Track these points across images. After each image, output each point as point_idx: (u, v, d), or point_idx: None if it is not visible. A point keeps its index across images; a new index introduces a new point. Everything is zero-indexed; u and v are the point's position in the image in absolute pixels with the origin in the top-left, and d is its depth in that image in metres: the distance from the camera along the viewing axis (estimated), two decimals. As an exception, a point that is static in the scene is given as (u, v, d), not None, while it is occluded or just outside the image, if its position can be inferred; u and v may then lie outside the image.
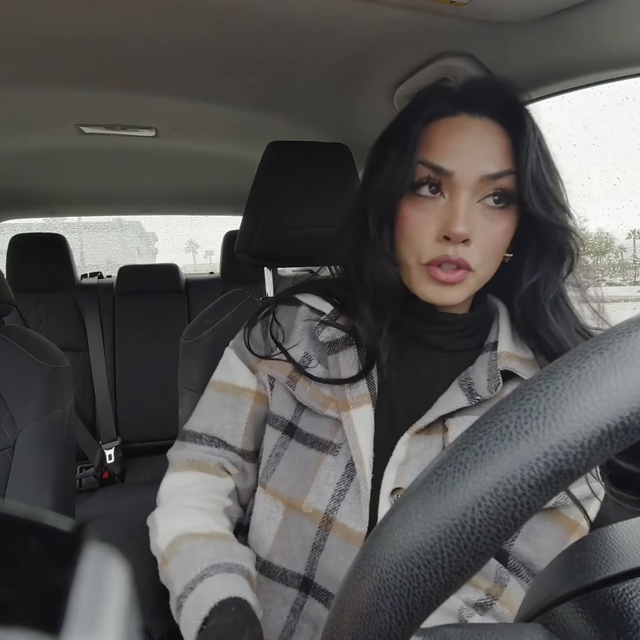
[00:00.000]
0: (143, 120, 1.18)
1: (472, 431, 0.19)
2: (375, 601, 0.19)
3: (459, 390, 0.56)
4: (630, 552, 0.21)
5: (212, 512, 0.62)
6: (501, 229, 0.55)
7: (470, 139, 0.54)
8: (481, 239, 0.54)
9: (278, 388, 0.63)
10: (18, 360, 0.89)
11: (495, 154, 0.53)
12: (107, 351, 1.95)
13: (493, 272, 0.58)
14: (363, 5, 0.64)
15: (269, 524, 0.59)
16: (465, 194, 0.53)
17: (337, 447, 0.57)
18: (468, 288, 0.56)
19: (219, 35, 0.76)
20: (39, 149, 1.35)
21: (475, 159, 0.53)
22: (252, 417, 0.65)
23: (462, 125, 0.54)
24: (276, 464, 0.60)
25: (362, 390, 0.59)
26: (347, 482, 0.56)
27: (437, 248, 0.54)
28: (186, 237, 4.15)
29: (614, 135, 1.07)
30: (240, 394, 0.65)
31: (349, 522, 0.55)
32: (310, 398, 0.60)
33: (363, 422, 0.57)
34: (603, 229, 1.54)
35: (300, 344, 0.63)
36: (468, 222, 0.52)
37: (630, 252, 1.62)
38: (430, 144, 0.55)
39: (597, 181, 1.12)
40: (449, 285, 0.55)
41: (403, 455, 0.55)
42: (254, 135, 1.21)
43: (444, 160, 0.53)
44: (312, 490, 0.56)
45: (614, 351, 0.18)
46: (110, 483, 1.82)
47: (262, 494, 0.61)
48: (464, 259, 0.53)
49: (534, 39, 0.66)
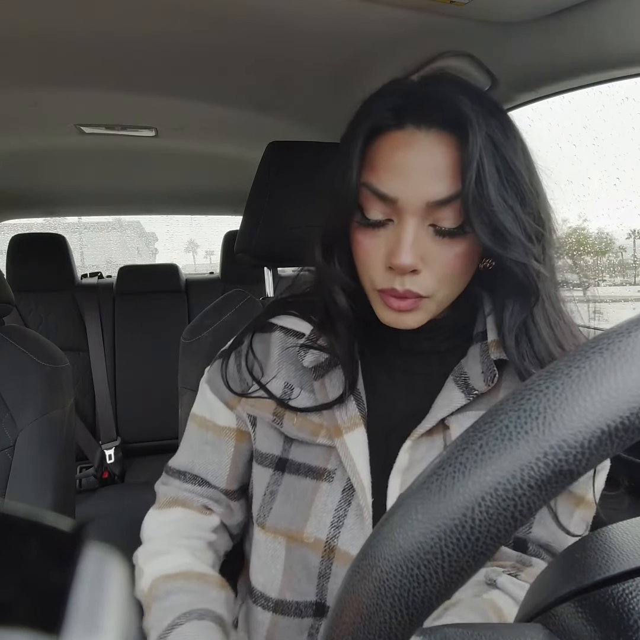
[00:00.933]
0: (143, 120, 1.18)
1: (472, 431, 0.19)
2: (375, 601, 0.19)
3: (455, 387, 0.54)
4: (630, 552, 0.21)
5: (195, 550, 0.60)
6: (456, 253, 0.49)
7: (416, 159, 0.47)
8: (434, 265, 0.49)
9: (262, 425, 0.60)
10: (18, 360, 0.89)
11: (444, 175, 0.47)
12: (107, 351, 1.95)
13: (459, 290, 0.53)
14: (363, 5, 0.64)
15: (275, 564, 0.57)
16: (412, 220, 0.48)
17: (332, 473, 0.56)
18: (427, 313, 0.52)
19: (219, 35, 0.76)
20: (39, 149, 1.35)
21: (420, 183, 0.47)
22: (236, 457, 0.63)
23: (407, 141, 0.48)
24: (272, 502, 0.58)
25: (352, 412, 0.56)
26: (345, 508, 0.54)
27: (386, 277, 0.50)
28: (186, 237, 4.15)
29: (614, 135, 1.07)
30: (222, 433, 0.63)
31: (352, 549, 0.53)
32: (299, 430, 0.57)
33: (358, 447, 0.55)
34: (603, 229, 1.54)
35: (278, 375, 0.59)
36: (417, 249, 0.48)
37: (630, 252, 1.62)
38: (375, 164, 0.49)
39: (597, 181, 1.12)
40: (403, 312, 0.51)
41: (406, 461, 0.54)
42: (254, 135, 1.21)
43: (387, 184, 0.48)
44: (311, 520, 0.55)
45: (614, 351, 0.18)
46: (110, 483, 1.82)
47: (262, 534, 0.58)
48: (412, 290, 0.49)
49: (534, 39, 0.66)
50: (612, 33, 0.59)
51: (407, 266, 0.47)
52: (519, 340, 0.51)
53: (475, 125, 0.45)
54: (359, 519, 0.54)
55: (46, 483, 0.84)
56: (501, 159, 0.46)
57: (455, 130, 0.47)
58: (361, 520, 0.54)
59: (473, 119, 0.45)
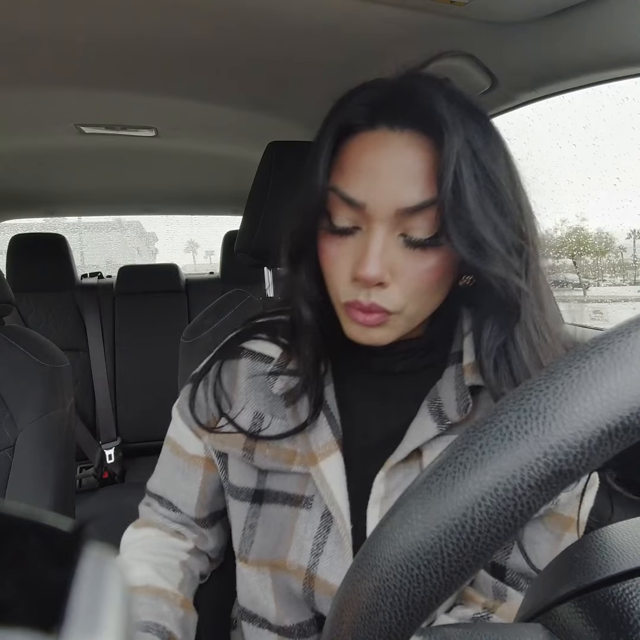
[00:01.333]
0: (143, 120, 1.18)
1: (472, 431, 0.19)
2: (375, 601, 0.19)
3: (429, 415, 0.51)
4: (630, 552, 0.21)
5: (159, 566, 0.59)
6: (428, 267, 0.45)
7: (386, 162, 0.44)
8: (403, 279, 0.45)
9: (234, 460, 0.58)
10: (18, 360, 0.89)
11: (417, 179, 0.43)
12: (107, 351, 1.95)
13: (431, 307, 0.49)
14: (363, 5, 0.64)
15: (265, 594, 0.56)
16: (381, 228, 0.44)
17: (310, 499, 0.54)
18: (395, 329, 0.48)
19: (219, 35, 0.76)
20: (39, 149, 1.35)
21: (390, 188, 0.43)
22: (204, 486, 0.61)
23: (378, 142, 0.44)
24: (252, 536, 0.56)
25: (326, 437, 0.53)
26: (325, 535, 0.53)
27: (351, 289, 0.46)
28: (186, 237, 4.16)
29: (614, 135, 1.07)
30: (191, 461, 0.61)
31: (330, 577, 0.52)
32: (273, 460, 0.55)
33: (334, 473, 0.52)
34: (603, 229, 1.55)
35: (247, 406, 0.57)
36: (385, 260, 0.44)
37: (630, 252, 1.62)
38: (344, 166, 0.46)
39: (597, 181, 1.12)
40: (370, 327, 0.47)
41: (382, 491, 0.52)
42: (254, 135, 1.21)
43: (355, 188, 0.44)
44: (293, 547, 0.53)
45: (614, 351, 0.18)
46: (110, 483, 1.83)
47: (246, 569, 0.57)
48: (378, 304, 0.45)
49: (534, 39, 0.66)
50: (612, 33, 0.59)
51: (372, 278, 0.43)
52: (497, 364, 0.47)
53: (451, 126, 0.42)
54: (338, 546, 0.52)
55: (46, 483, 0.84)
56: (480, 166, 0.43)
57: (431, 133, 0.43)
58: (340, 548, 0.52)
59: (448, 120, 0.42)
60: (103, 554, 0.13)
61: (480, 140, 0.43)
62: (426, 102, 0.43)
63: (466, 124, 0.43)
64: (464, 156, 0.42)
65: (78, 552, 0.13)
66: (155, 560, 0.59)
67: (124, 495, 1.70)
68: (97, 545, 0.13)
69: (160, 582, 0.57)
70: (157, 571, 0.58)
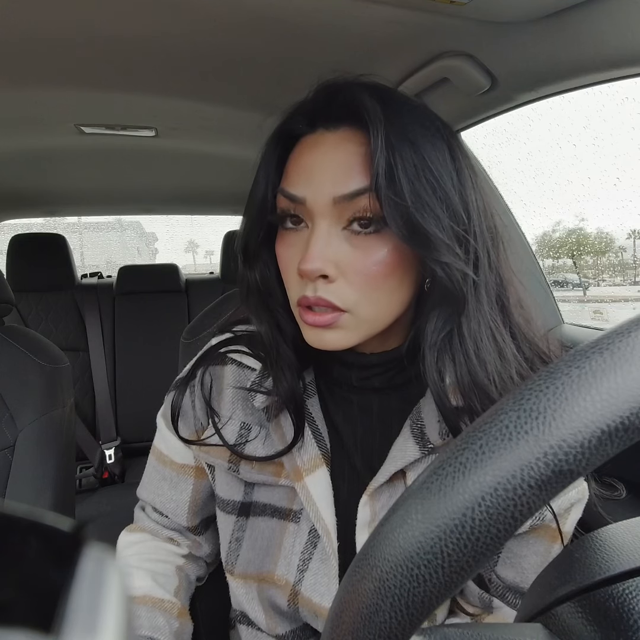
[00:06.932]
0: (143, 120, 1.18)
1: (472, 431, 0.19)
2: (375, 601, 0.19)
3: (411, 437, 0.50)
4: (630, 552, 0.21)
5: (156, 574, 0.58)
6: (374, 259, 0.45)
7: (322, 157, 0.46)
8: (350, 272, 0.45)
9: (220, 471, 0.57)
10: (18, 360, 0.89)
11: (351, 170, 0.44)
12: (107, 351, 1.95)
13: (389, 309, 0.47)
14: (363, 5, 0.64)
15: (252, 606, 0.56)
16: (323, 222, 0.45)
17: (298, 513, 0.53)
18: (351, 331, 0.46)
19: (218, 35, 0.76)
20: (39, 149, 1.35)
21: (325, 180, 0.45)
22: (195, 494, 0.61)
23: (316, 142, 0.47)
24: (238, 549, 0.56)
25: (312, 452, 0.53)
26: (311, 551, 0.52)
27: (299, 286, 0.47)
28: (186, 237, 4.16)
29: (614, 135, 1.07)
30: (181, 471, 0.61)
31: (315, 596, 0.51)
32: (259, 473, 0.54)
33: (321, 489, 0.52)
34: (603, 229, 1.55)
35: (234, 416, 0.55)
36: (328, 254, 0.44)
37: (630, 252, 1.62)
38: (288, 169, 0.48)
39: (597, 181, 1.12)
40: (324, 329, 0.46)
41: (369, 513, 0.51)
42: (254, 135, 1.21)
43: (295, 186, 0.46)
44: (281, 561, 0.53)
45: (614, 351, 0.18)
46: (110, 483, 1.83)
47: (233, 581, 0.57)
48: (324, 297, 0.45)
49: (534, 39, 0.66)
50: (612, 33, 0.59)
51: (311, 270, 0.44)
52: (440, 358, 0.46)
53: (376, 118, 0.43)
54: (323, 564, 0.52)
55: (46, 483, 0.84)
56: (419, 157, 0.44)
57: (363, 127, 0.45)
58: (326, 566, 0.52)
59: (371, 111, 0.43)
60: (103, 554, 0.13)
61: (419, 133, 0.45)
62: (356, 100, 0.45)
63: (398, 115, 0.45)
64: (399, 146, 0.43)
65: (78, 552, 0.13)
66: (152, 567, 0.59)
67: (124, 495, 1.70)
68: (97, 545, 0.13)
69: (156, 591, 0.57)
70: (154, 580, 0.58)
